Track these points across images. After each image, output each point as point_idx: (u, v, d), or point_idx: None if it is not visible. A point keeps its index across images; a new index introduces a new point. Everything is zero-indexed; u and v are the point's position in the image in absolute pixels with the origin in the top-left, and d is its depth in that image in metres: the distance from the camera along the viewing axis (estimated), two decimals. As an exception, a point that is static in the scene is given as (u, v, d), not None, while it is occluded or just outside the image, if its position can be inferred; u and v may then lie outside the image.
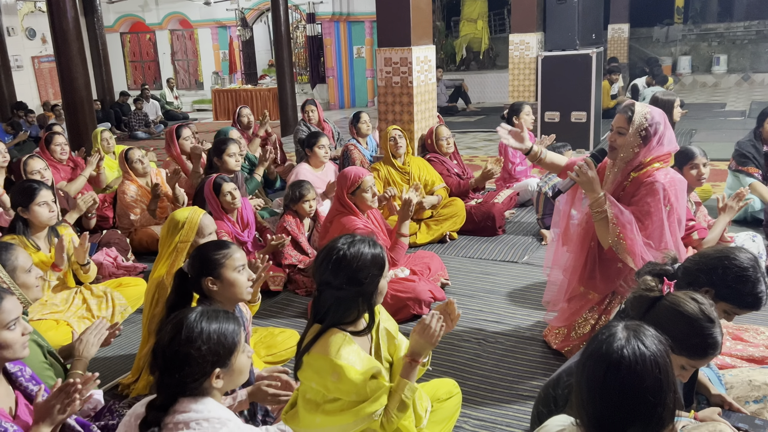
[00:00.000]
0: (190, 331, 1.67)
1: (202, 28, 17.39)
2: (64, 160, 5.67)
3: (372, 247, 2.11)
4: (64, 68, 6.68)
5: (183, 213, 2.94)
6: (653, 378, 1.42)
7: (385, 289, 2.17)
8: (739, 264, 2.20)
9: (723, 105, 11.74)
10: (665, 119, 2.86)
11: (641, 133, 2.80)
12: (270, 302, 4.02)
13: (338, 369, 2.00)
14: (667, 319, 1.86)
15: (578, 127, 7.93)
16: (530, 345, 3.30)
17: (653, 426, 1.43)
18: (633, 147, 2.83)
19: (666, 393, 1.43)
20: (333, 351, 2.01)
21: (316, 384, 2.04)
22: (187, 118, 14.37)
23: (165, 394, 1.68)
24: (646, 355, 1.43)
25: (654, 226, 2.80)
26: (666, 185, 2.79)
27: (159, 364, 1.68)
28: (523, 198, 5.81)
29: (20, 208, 3.55)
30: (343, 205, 3.83)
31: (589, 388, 1.47)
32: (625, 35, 14.55)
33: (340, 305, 2.08)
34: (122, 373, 3.16)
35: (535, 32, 9.10)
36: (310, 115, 7.13)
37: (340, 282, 2.06)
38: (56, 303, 3.65)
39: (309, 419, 2.07)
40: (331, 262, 2.07)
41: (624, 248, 2.80)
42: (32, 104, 13.84)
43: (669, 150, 2.87)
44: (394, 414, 2.07)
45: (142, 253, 4.93)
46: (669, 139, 2.85)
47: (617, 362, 1.43)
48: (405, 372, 2.11)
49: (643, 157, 2.83)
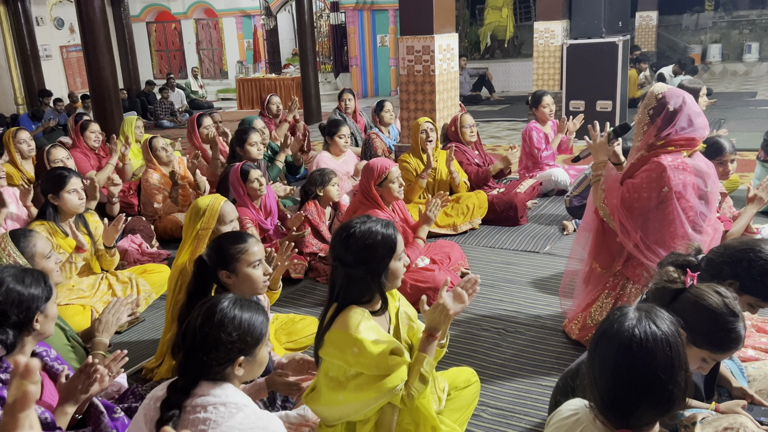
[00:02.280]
0: (223, 316, 1.71)
1: (226, 18, 17.48)
2: (96, 148, 5.77)
3: (384, 228, 2.12)
4: (91, 57, 6.77)
5: (204, 200, 2.97)
6: (664, 355, 1.44)
7: (400, 273, 2.17)
8: (765, 257, 2.17)
9: (754, 94, 11.48)
10: (687, 104, 2.77)
11: (649, 111, 2.80)
12: (291, 290, 4.05)
13: (358, 343, 2.02)
14: (690, 312, 1.85)
15: (603, 116, 7.81)
16: (550, 335, 3.29)
17: (664, 403, 1.45)
18: (642, 125, 2.85)
19: (677, 371, 1.45)
20: (353, 326, 2.04)
21: (338, 359, 2.06)
22: (211, 107, 14.48)
23: (188, 376, 1.71)
24: (657, 333, 1.46)
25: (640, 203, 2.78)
26: (668, 168, 2.73)
27: (187, 346, 1.71)
28: (546, 188, 5.77)
29: (51, 195, 3.63)
30: (366, 197, 3.84)
31: (601, 366, 1.50)
32: (653, 23, 14.27)
33: (351, 284, 2.10)
34: (146, 357, 3.22)
35: (561, 20, 8.98)
36: (347, 104, 7.11)
37: (349, 259, 2.08)
38: (83, 288, 3.72)
39: (332, 397, 2.09)
40: (342, 239, 2.10)
41: (607, 213, 2.84)
42: (61, 93, 14.05)
43: (688, 135, 2.77)
44: (415, 388, 2.08)
45: (167, 240, 5.00)
46: (687, 124, 2.75)
47: (628, 340, 1.46)
48: (423, 346, 2.13)
49: (652, 136, 2.79)
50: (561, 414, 1.73)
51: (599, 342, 1.52)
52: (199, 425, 1.63)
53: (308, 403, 2.18)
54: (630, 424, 1.47)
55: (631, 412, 1.47)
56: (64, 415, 1.94)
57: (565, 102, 8.02)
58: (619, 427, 1.49)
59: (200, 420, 1.64)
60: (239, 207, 4.14)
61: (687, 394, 1.49)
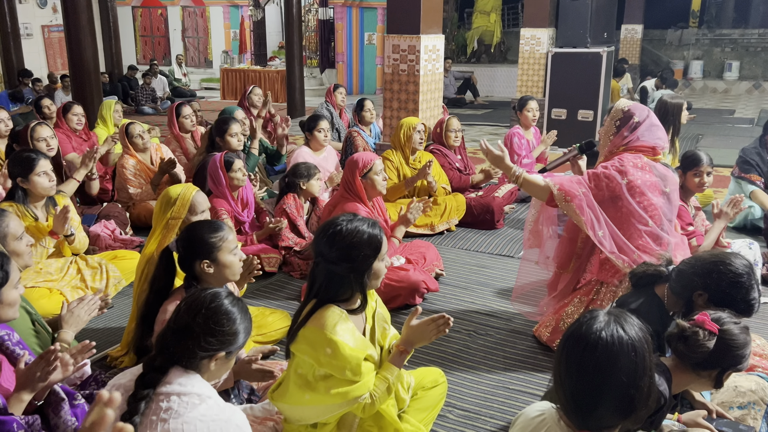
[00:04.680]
0: (227, 311, 1.74)
1: (214, 6, 17.32)
2: (78, 130, 5.67)
3: (371, 228, 2.12)
4: (72, 38, 6.66)
5: (176, 189, 2.93)
6: (628, 360, 1.47)
7: (382, 274, 2.17)
8: (734, 270, 2.20)
9: (732, 111, 11.67)
10: (650, 117, 2.98)
11: (616, 122, 2.99)
12: (264, 283, 4.02)
13: (332, 344, 2.00)
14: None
15: (584, 126, 7.89)
16: (520, 339, 3.30)
17: (625, 406, 1.48)
18: (609, 135, 3.02)
19: (640, 377, 1.48)
20: (330, 325, 2.03)
21: (309, 357, 2.04)
22: (194, 96, 14.33)
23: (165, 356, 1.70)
24: (623, 338, 1.49)
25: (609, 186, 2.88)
26: (625, 160, 2.89)
27: (178, 327, 1.71)
28: (524, 193, 5.79)
29: (19, 178, 3.55)
30: (349, 190, 3.84)
31: (566, 365, 1.53)
32: (638, 36, 14.44)
33: (333, 280, 2.08)
34: (112, 344, 3.17)
35: (547, 28, 9.04)
36: (338, 98, 7.10)
37: (333, 255, 2.07)
38: (51, 272, 3.65)
39: (298, 395, 2.07)
40: (327, 235, 2.09)
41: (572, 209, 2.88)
42: (40, 73, 13.81)
43: (649, 143, 2.94)
44: (378, 398, 2.08)
45: (141, 227, 4.93)
46: (648, 133, 2.95)
47: (595, 342, 1.49)
48: (394, 359, 2.15)
49: (616, 145, 2.99)
50: (527, 415, 1.75)
51: (566, 342, 1.55)
52: (161, 414, 1.62)
53: (274, 398, 2.16)
54: (590, 426, 1.50)
55: (592, 413, 1.49)
56: (20, 402, 1.89)
57: (548, 110, 8.08)
58: (580, 428, 1.51)
59: (162, 409, 1.62)
60: (216, 198, 4.11)
61: (650, 401, 1.51)
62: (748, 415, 2.33)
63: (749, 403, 2.34)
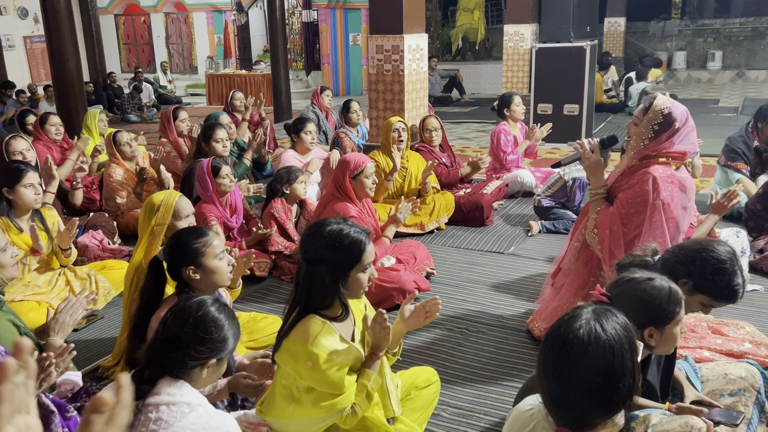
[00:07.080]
0: (214, 318, 1.75)
1: (197, 12, 17.26)
2: (58, 141, 5.63)
3: (357, 234, 2.05)
4: (54, 48, 6.61)
5: (159, 196, 2.91)
6: (604, 361, 1.42)
7: (364, 285, 2.09)
8: (717, 257, 2.22)
9: (716, 101, 11.75)
10: (688, 120, 2.82)
11: (654, 126, 2.79)
12: (254, 288, 4.01)
13: (313, 357, 1.98)
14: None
15: (570, 120, 7.92)
16: (512, 335, 3.31)
17: (602, 408, 1.45)
18: (643, 138, 2.82)
19: (618, 378, 1.42)
20: (311, 337, 2.00)
21: (291, 368, 2.03)
22: (180, 103, 14.27)
23: (154, 368, 1.69)
24: (601, 338, 1.44)
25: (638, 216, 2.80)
26: (658, 178, 2.77)
27: (166, 338, 1.71)
28: (512, 189, 5.81)
29: (5, 188, 3.52)
30: (339, 190, 3.84)
31: (544, 364, 1.50)
32: (621, 29, 14.52)
33: (313, 283, 2.04)
34: (104, 355, 3.16)
35: (530, 23, 9.07)
36: (325, 100, 7.09)
37: (311, 254, 2.04)
38: (39, 284, 3.62)
39: (283, 406, 2.06)
40: (311, 233, 2.07)
41: (595, 242, 2.89)
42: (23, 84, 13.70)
43: (683, 149, 2.82)
44: (359, 406, 2.07)
45: (129, 236, 4.90)
46: (686, 138, 2.81)
47: (571, 341, 1.45)
48: (368, 362, 2.13)
49: (651, 150, 2.82)
50: (519, 408, 1.75)
51: (547, 339, 1.53)
52: (150, 425, 1.61)
53: (261, 412, 2.13)
54: (569, 424, 1.48)
55: (569, 412, 1.47)
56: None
57: (533, 105, 8.10)
58: (559, 425, 1.50)
59: (152, 420, 1.62)
60: (204, 204, 4.09)
61: (629, 403, 1.47)
62: (739, 401, 2.34)
63: (740, 390, 2.35)
